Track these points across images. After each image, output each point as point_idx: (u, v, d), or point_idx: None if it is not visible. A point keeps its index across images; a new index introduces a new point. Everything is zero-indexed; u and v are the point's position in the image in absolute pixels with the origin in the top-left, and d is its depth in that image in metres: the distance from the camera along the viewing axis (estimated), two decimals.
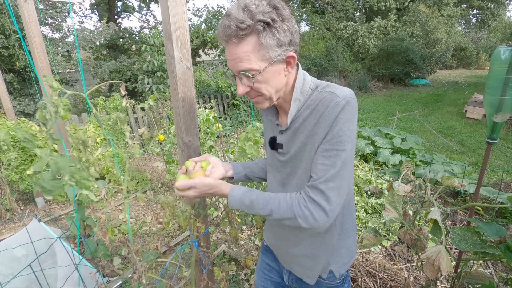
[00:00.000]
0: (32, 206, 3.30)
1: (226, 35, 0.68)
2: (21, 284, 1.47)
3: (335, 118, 0.71)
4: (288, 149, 0.85)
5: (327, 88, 0.77)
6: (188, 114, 1.02)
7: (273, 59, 0.71)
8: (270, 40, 0.68)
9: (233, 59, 0.71)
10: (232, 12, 0.67)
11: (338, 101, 0.71)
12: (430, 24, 13.73)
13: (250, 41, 0.68)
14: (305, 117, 0.78)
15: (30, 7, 1.78)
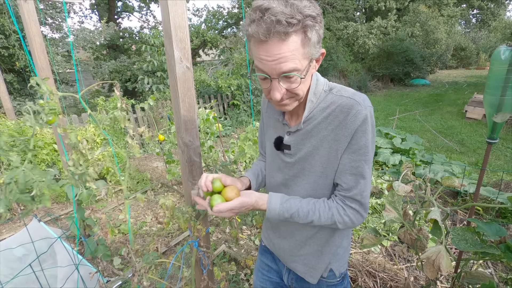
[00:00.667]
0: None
1: (271, 31, 0.59)
2: (21, 284, 1.47)
3: (358, 128, 0.71)
4: (296, 151, 0.82)
5: (344, 92, 0.74)
6: (188, 114, 1.02)
7: (313, 57, 0.67)
8: (314, 37, 0.63)
9: (275, 59, 0.62)
10: (273, 6, 0.58)
11: (359, 110, 0.70)
12: (430, 24, 13.74)
13: (297, 38, 0.61)
14: (319, 120, 0.76)
15: (30, 7, 1.78)
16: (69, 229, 1.70)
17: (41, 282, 1.34)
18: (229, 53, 9.06)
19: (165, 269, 2.14)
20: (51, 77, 1.93)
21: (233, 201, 0.78)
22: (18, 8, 1.80)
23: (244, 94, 7.53)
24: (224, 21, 10.28)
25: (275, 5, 0.58)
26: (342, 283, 0.97)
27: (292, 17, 0.58)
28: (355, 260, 2.09)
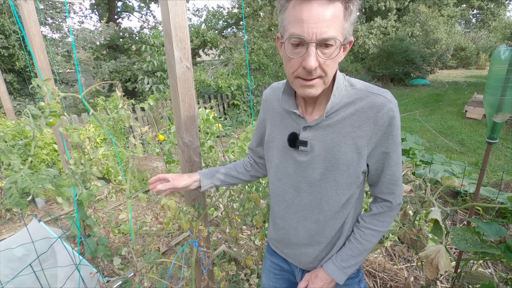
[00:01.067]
0: (32, 206, 3.30)
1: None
2: (22, 284, 1.47)
3: (389, 124, 0.71)
4: (314, 147, 0.76)
5: (370, 88, 0.73)
6: (188, 114, 1.02)
7: (347, 37, 0.65)
8: (354, 13, 0.62)
9: (318, 22, 0.59)
10: None
11: (391, 107, 0.70)
12: (430, 24, 13.74)
13: (341, 7, 0.60)
14: (344, 116, 0.72)
15: (30, 7, 1.78)
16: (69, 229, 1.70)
17: (41, 282, 1.34)
18: (229, 53, 9.05)
19: (165, 269, 2.14)
20: (51, 77, 1.93)
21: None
22: (18, 8, 1.80)
23: (244, 94, 7.53)
24: (224, 21, 10.26)
25: None
26: (358, 275, 0.96)
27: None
28: None
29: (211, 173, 1.01)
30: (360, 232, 0.84)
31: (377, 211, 0.83)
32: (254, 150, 1.04)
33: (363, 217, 0.85)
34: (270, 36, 10.13)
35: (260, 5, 10.40)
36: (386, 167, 0.77)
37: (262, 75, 8.58)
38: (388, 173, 0.78)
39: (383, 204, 0.83)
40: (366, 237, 0.83)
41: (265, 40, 9.44)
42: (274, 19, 10.81)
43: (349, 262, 0.83)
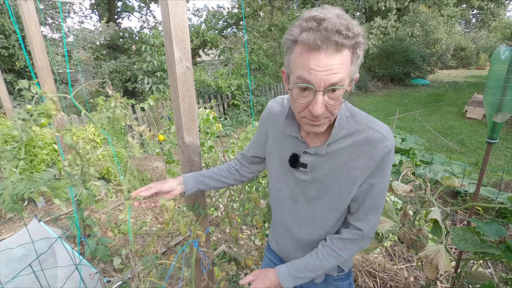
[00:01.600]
0: (32, 206, 3.30)
1: (329, 39, 0.57)
2: (22, 284, 1.47)
3: (382, 160, 0.73)
4: (313, 170, 0.81)
5: (369, 122, 0.74)
6: (188, 114, 1.02)
7: (353, 77, 0.66)
8: (359, 57, 0.63)
9: (326, 70, 0.60)
10: (329, 17, 0.58)
11: (387, 145, 0.72)
12: (430, 24, 13.74)
13: (349, 53, 0.61)
14: (342, 146, 0.75)
15: (30, 7, 1.78)
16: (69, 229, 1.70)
17: (41, 282, 1.34)
18: (229, 53, 9.05)
19: (165, 269, 2.14)
20: (51, 77, 1.93)
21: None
22: (18, 8, 1.80)
23: (244, 94, 7.53)
24: (224, 21, 10.26)
25: (331, 16, 0.58)
26: (348, 278, 0.99)
27: (349, 30, 0.58)
28: (355, 260, 2.09)
29: (195, 176, 1.01)
30: (324, 250, 0.85)
31: (346, 236, 0.84)
32: (248, 158, 1.04)
33: (332, 238, 0.86)
34: (270, 36, 10.13)
35: (260, 5, 10.41)
36: (368, 197, 0.79)
37: (262, 75, 8.58)
38: (369, 203, 0.80)
39: (354, 231, 0.83)
40: (327, 257, 0.84)
41: (265, 40, 9.44)
42: (274, 19, 10.81)
43: (303, 273, 0.86)
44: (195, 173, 1.02)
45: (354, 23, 0.60)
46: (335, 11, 0.60)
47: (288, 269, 0.87)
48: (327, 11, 0.59)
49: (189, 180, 0.99)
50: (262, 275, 0.90)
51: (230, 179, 1.05)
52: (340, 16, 0.59)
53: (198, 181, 1.00)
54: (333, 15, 0.59)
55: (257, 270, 0.93)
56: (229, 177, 1.05)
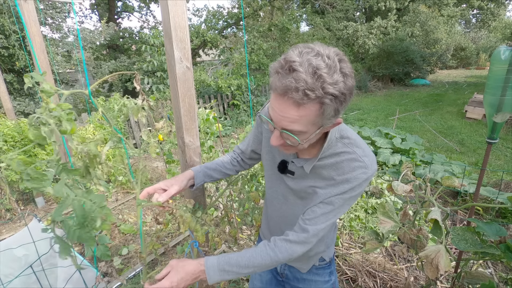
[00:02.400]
0: (32, 206, 3.30)
1: (287, 94, 0.58)
2: (22, 284, 1.47)
3: (358, 184, 0.76)
4: (299, 178, 0.86)
5: (356, 148, 0.77)
6: (188, 114, 1.02)
7: (324, 126, 0.67)
8: (330, 112, 0.61)
9: (282, 116, 0.63)
10: (299, 70, 0.56)
11: (365, 172, 0.75)
12: (430, 24, 13.74)
13: (311, 108, 0.60)
14: (326, 164, 0.79)
15: (30, 7, 1.78)
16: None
17: (42, 282, 1.34)
18: (229, 53, 9.05)
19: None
20: (51, 77, 1.93)
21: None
22: (18, 8, 1.80)
23: (244, 94, 7.53)
24: (224, 21, 10.26)
25: (302, 70, 0.56)
26: (329, 266, 1.05)
27: (312, 90, 0.56)
28: (355, 260, 2.09)
29: (203, 170, 1.03)
30: (263, 249, 0.81)
31: (291, 238, 0.81)
32: (246, 153, 1.06)
33: (276, 239, 0.83)
34: (270, 36, 10.13)
35: (260, 5, 10.40)
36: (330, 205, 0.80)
37: (262, 75, 8.58)
38: (327, 210, 0.79)
39: (300, 234, 0.81)
40: (264, 256, 0.80)
41: (265, 40, 9.43)
42: (274, 19, 10.81)
43: (232, 268, 0.78)
44: (202, 167, 1.03)
45: (332, 81, 0.57)
46: (316, 62, 0.56)
47: (218, 260, 0.79)
48: (305, 60, 0.57)
49: (198, 175, 1.01)
50: (177, 265, 0.80)
51: (232, 171, 1.09)
52: (313, 72, 0.56)
53: (205, 174, 1.03)
54: (307, 69, 0.56)
55: (174, 260, 0.82)
56: (232, 169, 1.09)
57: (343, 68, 0.59)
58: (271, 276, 1.15)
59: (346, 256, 2.13)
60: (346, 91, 0.60)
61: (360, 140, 0.79)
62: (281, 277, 1.13)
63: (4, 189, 2.92)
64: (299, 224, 0.83)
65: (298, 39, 10.44)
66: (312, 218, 0.81)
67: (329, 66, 0.57)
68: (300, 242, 0.81)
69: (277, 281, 1.15)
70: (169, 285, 0.75)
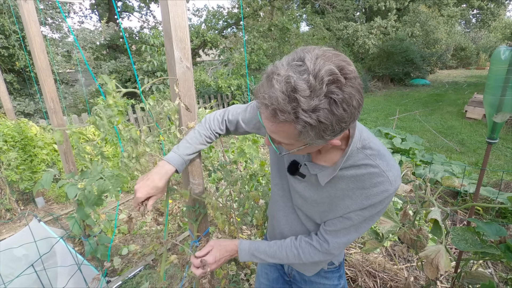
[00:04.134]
0: (32, 206, 3.30)
1: (259, 105, 0.57)
2: (22, 284, 1.47)
3: (379, 202, 0.70)
4: (309, 183, 0.80)
5: (378, 160, 0.69)
6: (188, 114, 1.02)
7: (311, 144, 0.61)
8: (310, 136, 0.55)
9: (266, 124, 0.59)
10: (275, 87, 0.51)
11: (388, 189, 0.68)
12: (430, 24, 13.74)
13: (286, 126, 0.55)
14: (344, 175, 0.72)
15: (30, 7, 1.78)
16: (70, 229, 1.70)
17: (42, 282, 1.34)
18: (229, 53, 9.05)
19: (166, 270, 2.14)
20: (51, 77, 1.93)
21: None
22: (18, 8, 1.80)
23: (244, 94, 7.53)
24: (224, 21, 10.26)
25: (278, 87, 0.50)
26: (339, 270, 1.02)
27: (283, 112, 0.51)
28: (355, 260, 2.09)
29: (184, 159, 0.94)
30: (289, 245, 0.86)
31: (314, 243, 0.82)
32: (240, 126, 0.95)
33: (301, 239, 0.86)
34: (270, 36, 10.13)
35: (260, 5, 10.40)
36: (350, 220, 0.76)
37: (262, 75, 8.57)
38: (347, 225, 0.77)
39: (322, 243, 0.81)
40: (289, 253, 0.85)
41: (265, 40, 9.43)
42: (274, 19, 10.81)
43: (260, 255, 0.88)
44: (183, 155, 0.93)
45: (304, 107, 0.49)
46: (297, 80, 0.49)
47: (250, 245, 0.89)
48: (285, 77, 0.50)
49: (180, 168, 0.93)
50: (218, 244, 0.91)
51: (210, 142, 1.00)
52: (288, 95, 0.50)
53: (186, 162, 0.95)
54: (283, 87, 0.50)
55: (212, 240, 0.93)
56: (210, 142, 0.99)
57: (331, 93, 0.49)
58: (277, 275, 1.13)
59: (346, 256, 2.13)
60: (329, 121, 0.51)
61: (384, 151, 0.71)
62: (288, 277, 1.11)
63: (4, 189, 2.92)
64: (320, 232, 0.82)
65: (298, 39, 10.44)
66: (333, 230, 0.79)
67: (313, 88, 0.49)
68: (322, 251, 0.81)
69: (284, 281, 1.13)
70: (212, 260, 0.87)
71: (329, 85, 0.49)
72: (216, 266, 0.89)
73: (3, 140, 2.88)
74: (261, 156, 1.73)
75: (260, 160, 1.66)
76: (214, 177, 2.63)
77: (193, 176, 1.11)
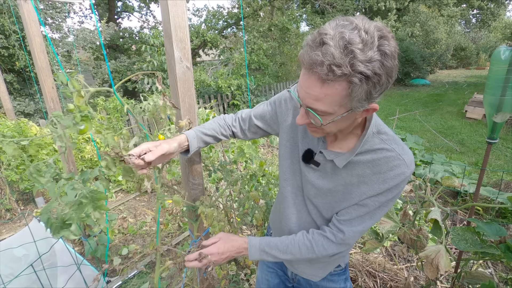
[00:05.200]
0: (32, 206, 3.30)
1: (312, 68, 0.55)
2: (22, 285, 1.47)
3: (395, 185, 0.70)
4: (323, 171, 0.79)
5: (394, 145, 0.71)
6: (188, 114, 1.02)
7: (353, 109, 0.60)
8: (361, 93, 0.55)
9: (308, 93, 0.59)
10: (329, 43, 0.51)
11: (404, 172, 0.69)
12: (430, 24, 13.75)
13: (337, 87, 0.55)
14: (360, 160, 0.72)
15: (30, 7, 1.78)
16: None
17: (42, 282, 1.34)
18: (229, 53, 9.05)
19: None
20: (51, 77, 1.93)
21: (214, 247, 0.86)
22: (18, 8, 1.80)
23: (244, 94, 7.53)
24: (224, 21, 10.26)
25: (333, 44, 0.51)
26: (344, 273, 1.00)
27: (339, 66, 0.51)
28: (355, 260, 2.09)
29: (199, 135, 0.94)
30: (301, 239, 0.83)
31: (328, 235, 0.81)
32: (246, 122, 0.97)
33: (314, 232, 0.83)
34: (270, 36, 10.13)
35: (260, 5, 10.40)
36: (365, 208, 0.76)
37: (262, 75, 8.58)
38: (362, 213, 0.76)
39: (337, 234, 0.80)
40: (301, 246, 0.82)
41: (265, 40, 9.43)
42: (274, 19, 10.81)
43: (271, 251, 0.84)
44: (197, 131, 0.94)
45: (364, 58, 0.51)
46: (350, 35, 0.51)
47: (260, 242, 0.86)
48: (337, 33, 0.52)
49: (193, 141, 0.92)
50: (226, 237, 0.89)
51: (226, 137, 1.01)
52: (344, 47, 0.51)
53: (201, 140, 0.94)
54: (338, 42, 0.51)
55: (222, 233, 0.91)
56: (226, 136, 1.00)
57: (382, 46, 0.52)
58: (279, 281, 1.09)
59: None
60: (382, 72, 0.53)
61: (397, 137, 0.73)
62: (291, 282, 1.07)
63: (4, 189, 2.92)
64: (334, 223, 0.80)
65: (298, 39, 10.43)
66: (347, 219, 0.77)
67: (365, 42, 0.51)
68: (336, 242, 0.79)
69: (285, 287, 1.09)
70: (215, 250, 0.85)
71: (379, 39, 0.52)
72: (218, 258, 0.85)
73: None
74: (260, 156, 1.73)
75: (260, 160, 1.66)
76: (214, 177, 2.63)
77: (193, 176, 1.11)
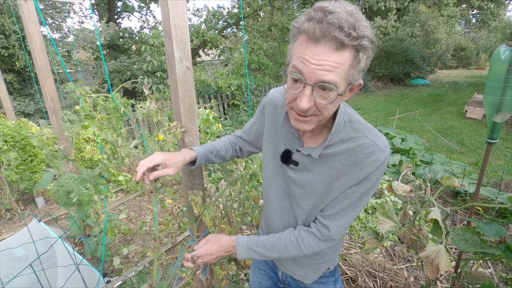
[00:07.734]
0: (32, 206, 3.30)
1: (329, 33, 0.54)
2: (22, 284, 1.47)
3: (373, 171, 0.71)
4: (303, 169, 0.80)
5: (366, 131, 0.72)
6: (188, 114, 1.02)
7: (353, 82, 0.62)
8: (363, 62, 0.59)
9: (320, 65, 0.57)
10: (338, 11, 0.54)
11: (379, 157, 0.70)
12: (430, 24, 13.75)
13: (349, 54, 0.57)
14: (336, 151, 0.73)
15: (30, 7, 1.78)
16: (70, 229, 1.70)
17: (42, 282, 1.34)
18: (229, 53, 9.05)
19: (166, 269, 2.14)
20: (51, 77, 1.93)
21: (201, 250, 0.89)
22: (18, 8, 1.80)
23: (244, 94, 7.53)
24: (224, 21, 10.27)
25: (340, 10, 0.54)
26: (334, 274, 1.01)
27: (355, 29, 0.54)
28: (355, 260, 2.09)
29: (206, 154, 0.99)
30: (288, 236, 0.84)
31: (314, 231, 0.81)
32: (247, 141, 1.03)
33: (300, 229, 0.83)
34: (270, 36, 10.13)
35: (260, 5, 10.40)
36: (346, 200, 0.77)
37: (262, 75, 8.58)
38: (344, 205, 0.77)
39: (322, 230, 0.80)
40: (288, 243, 0.83)
41: (265, 40, 9.43)
42: (274, 19, 10.81)
43: (258, 249, 0.85)
44: (206, 150, 0.99)
45: (364, 25, 0.56)
46: (348, 7, 0.56)
47: (248, 240, 0.87)
48: (338, 5, 0.56)
49: (201, 159, 0.97)
50: (214, 238, 0.92)
51: (232, 157, 1.08)
52: (351, 13, 0.55)
53: (207, 159, 0.99)
54: (343, 10, 0.55)
55: (211, 234, 0.94)
56: (232, 156, 1.06)
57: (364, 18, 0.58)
58: (270, 283, 1.10)
59: (346, 256, 2.13)
60: (375, 41, 0.59)
61: (369, 124, 0.75)
62: (282, 284, 1.08)
63: (4, 189, 2.91)
64: (318, 220, 0.81)
65: None
66: (330, 214, 0.78)
67: (358, 12, 0.57)
68: (322, 239, 0.80)
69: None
70: (204, 252, 0.88)
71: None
72: (209, 259, 0.89)
73: (3, 140, 2.88)
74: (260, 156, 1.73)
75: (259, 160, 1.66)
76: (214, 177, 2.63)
77: (193, 176, 1.11)
